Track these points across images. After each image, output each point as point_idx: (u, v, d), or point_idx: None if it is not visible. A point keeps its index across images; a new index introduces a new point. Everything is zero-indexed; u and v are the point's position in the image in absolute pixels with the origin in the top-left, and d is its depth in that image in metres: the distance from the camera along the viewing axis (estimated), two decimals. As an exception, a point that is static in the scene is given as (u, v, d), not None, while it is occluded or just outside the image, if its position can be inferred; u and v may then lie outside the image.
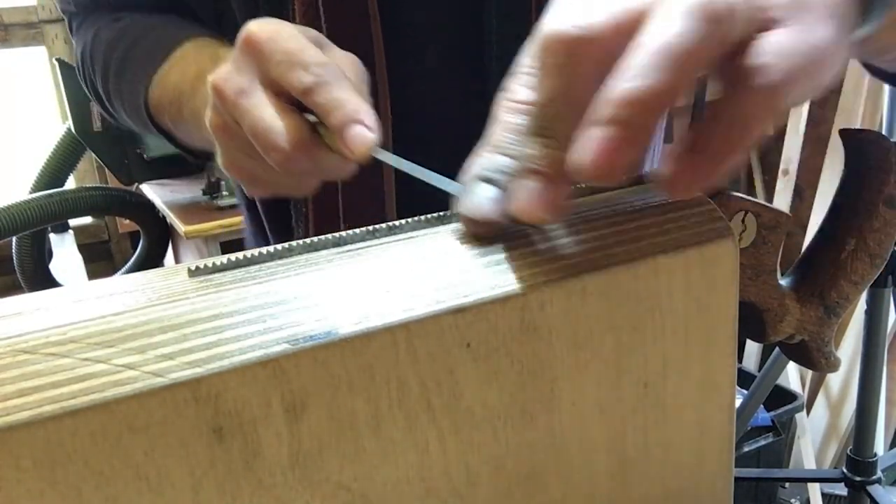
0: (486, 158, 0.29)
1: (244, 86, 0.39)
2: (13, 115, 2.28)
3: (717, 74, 0.25)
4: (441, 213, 0.31)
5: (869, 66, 0.48)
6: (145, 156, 1.97)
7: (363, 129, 0.37)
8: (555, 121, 0.26)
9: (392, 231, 0.30)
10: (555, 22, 0.25)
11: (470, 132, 0.35)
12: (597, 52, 0.25)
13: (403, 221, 0.31)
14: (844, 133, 0.37)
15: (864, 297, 1.23)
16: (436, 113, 0.56)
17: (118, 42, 0.60)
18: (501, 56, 0.54)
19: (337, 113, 0.37)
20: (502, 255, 0.29)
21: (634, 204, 0.32)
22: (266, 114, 0.38)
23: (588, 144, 0.24)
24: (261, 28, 0.39)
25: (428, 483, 0.28)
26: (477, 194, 0.28)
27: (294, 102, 0.39)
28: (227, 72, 0.40)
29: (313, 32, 0.42)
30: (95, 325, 0.23)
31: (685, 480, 0.35)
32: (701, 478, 0.35)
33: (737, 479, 0.38)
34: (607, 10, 0.25)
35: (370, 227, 0.30)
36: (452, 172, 0.34)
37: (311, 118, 0.39)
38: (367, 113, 0.38)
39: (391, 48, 0.52)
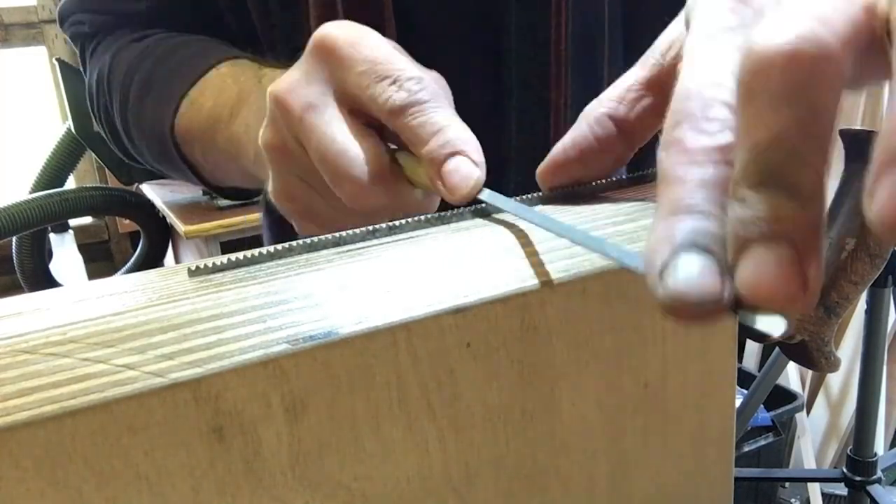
0: (674, 223, 0.21)
1: (313, 99, 0.33)
2: (13, 115, 2.28)
3: None
4: (441, 213, 0.31)
5: None
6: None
7: (468, 164, 0.31)
8: (790, 168, 0.19)
9: (392, 231, 0.30)
10: (771, 35, 0.19)
11: (484, 140, 0.32)
12: (838, 74, 0.19)
13: (403, 221, 0.31)
14: (844, 133, 0.37)
15: (864, 297, 1.23)
16: None
17: (141, 62, 0.53)
18: (520, 69, 0.52)
19: (435, 141, 0.31)
20: (502, 256, 0.29)
21: (634, 204, 0.32)
22: (339, 134, 0.32)
23: (889, 191, 0.16)
24: (340, 30, 0.33)
25: (428, 483, 0.28)
26: (684, 268, 0.20)
27: (371, 125, 0.33)
28: (293, 81, 0.33)
29: (398, 46, 0.35)
30: (95, 325, 0.23)
31: (685, 480, 0.35)
32: (701, 478, 0.35)
33: (737, 479, 0.38)
34: (835, 19, 0.19)
35: (370, 227, 0.30)
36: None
37: (390, 146, 0.34)
38: (472, 144, 0.31)
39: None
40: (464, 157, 0.31)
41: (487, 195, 0.31)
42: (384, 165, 0.32)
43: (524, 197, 0.32)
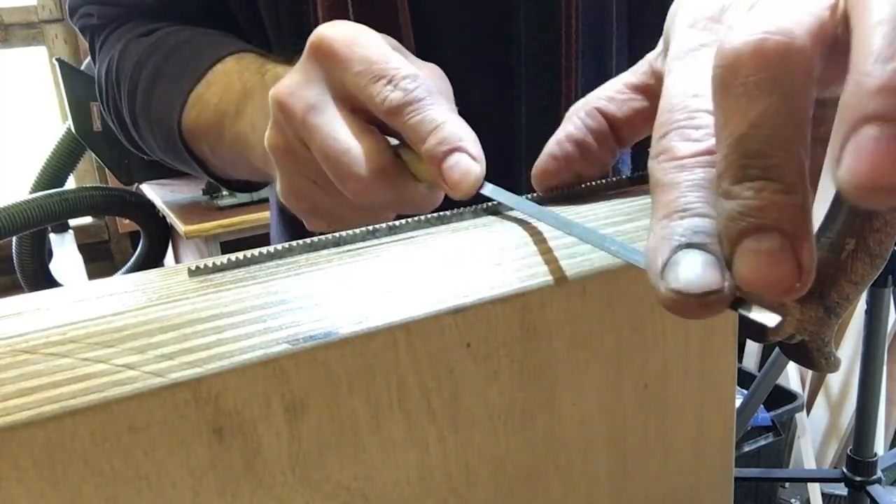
0: (672, 226, 0.21)
1: (314, 100, 0.33)
2: (13, 115, 2.28)
3: None
4: (441, 213, 0.31)
5: None
6: (145, 156, 1.97)
7: (467, 160, 0.31)
8: (770, 155, 0.19)
9: (392, 231, 0.30)
10: (740, 34, 0.19)
11: (493, 134, 0.32)
12: (807, 61, 0.19)
13: (403, 221, 0.31)
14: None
15: (864, 297, 1.23)
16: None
17: (149, 56, 0.53)
18: (529, 62, 0.52)
19: (433, 138, 0.31)
20: (502, 255, 0.29)
21: (634, 203, 0.32)
22: (341, 134, 0.33)
23: (862, 149, 0.17)
24: (336, 31, 0.34)
25: (428, 483, 0.28)
26: (686, 263, 0.21)
27: (373, 122, 0.34)
28: (294, 83, 0.34)
29: (394, 41, 0.35)
30: (95, 325, 0.23)
31: (685, 480, 0.35)
32: (701, 478, 0.35)
33: (737, 479, 0.38)
34: (802, 13, 0.20)
35: (370, 227, 0.30)
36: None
37: (393, 141, 0.34)
38: (470, 139, 0.32)
39: (417, 47, 0.49)
40: (462, 154, 0.31)
41: (490, 190, 0.31)
42: (387, 161, 0.33)
43: (526, 196, 0.32)
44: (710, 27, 0.25)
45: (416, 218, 0.31)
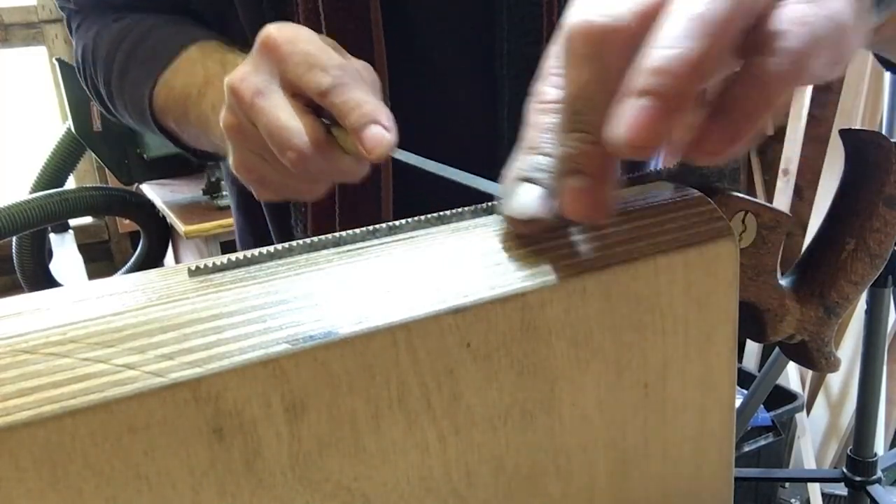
0: (525, 160, 0.29)
1: (261, 86, 0.39)
2: (13, 115, 2.28)
3: (737, 52, 0.25)
4: (441, 213, 0.31)
5: (878, 58, 0.48)
6: (145, 156, 1.97)
7: (381, 130, 0.37)
8: (588, 113, 0.26)
9: (392, 231, 0.30)
10: (579, 14, 0.25)
11: (476, 136, 0.35)
12: (624, 40, 0.25)
13: (403, 221, 0.31)
14: (844, 133, 0.37)
15: (864, 297, 1.23)
16: (441, 117, 0.55)
17: (120, 43, 0.60)
18: (512, 60, 0.53)
19: (354, 113, 0.37)
20: (502, 255, 0.29)
21: (634, 203, 0.32)
22: (283, 114, 0.38)
23: (623, 117, 0.23)
24: (280, 30, 0.40)
25: (428, 483, 0.28)
26: (521, 194, 0.28)
27: (310, 105, 0.40)
28: (245, 72, 0.40)
29: (330, 41, 0.42)
30: (95, 325, 0.23)
31: (685, 480, 0.35)
32: (701, 478, 0.35)
33: (737, 479, 0.38)
34: None
35: (370, 227, 0.30)
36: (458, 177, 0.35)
37: (325, 122, 0.40)
38: (384, 113, 0.38)
39: (394, 53, 0.52)
40: (377, 125, 0.37)
41: (402, 154, 0.38)
42: (320, 136, 0.39)
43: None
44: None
45: (416, 218, 0.31)
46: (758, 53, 0.24)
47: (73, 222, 2.19)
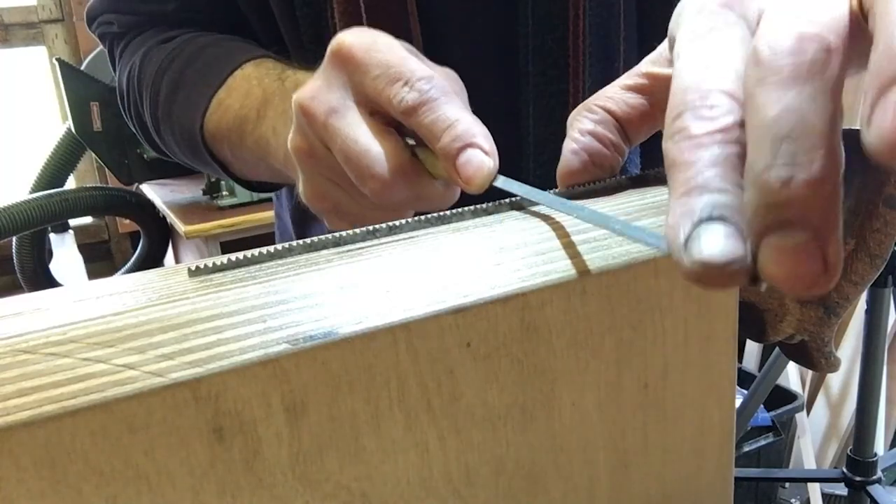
0: (692, 202, 0.21)
1: (335, 104, 0.35)
2: (13, 115, 2.28)
3: None
4: (441, 214, 0.31)
5: None
6: (145, 156, 1.97)
7: (479, 154, 0.32)
8: (803, 140, 0.19)
9: (392, 231, 0.30)
10: (774, 30, 0.20)
11: (498, 132, 0.33)
12: (839, 58, 0.20)
13: (403, 221, 0.31)
14: (844, 133, 0.37)
15: (864, 297, 1.23)
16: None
17: (170, 63, 0.55)
18: (536, 61, 0.53)
19: (446, 136, 0.33)
20: (502, 255, 0.29)
21: (635, 203, 0.32)
22: (361, 136, 0.34)
23: (889, 109, 0.18)
24: (354, 38, 0.35)
25: (428, 483, 0.28)
26: (710, 235, 0.20)
27: (391, 124, 0.35)
28: (315, 88, 0.35)
29: (411, 47, 0.37)
30: (95, 325, 0.23)
31: (685, 480, 0.35)
32: (701, 478, 0.35)
33: (737, 479, 0.38)
34: (830, 8, 0.20)
35: (370, 227, 0.30)
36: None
37: (410, 142, 0.35)
38: (482, 135, 0.33)
39: (426, 47, 0.50)
40: (475, 149, 0.32)
41: (501, 182, 0.32)
42: (404, 161, 0.34)
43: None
44: (720, 11, 0.25)
45: (416, 218, 0.31)
46: None
47: (73, 222, 2.19)
